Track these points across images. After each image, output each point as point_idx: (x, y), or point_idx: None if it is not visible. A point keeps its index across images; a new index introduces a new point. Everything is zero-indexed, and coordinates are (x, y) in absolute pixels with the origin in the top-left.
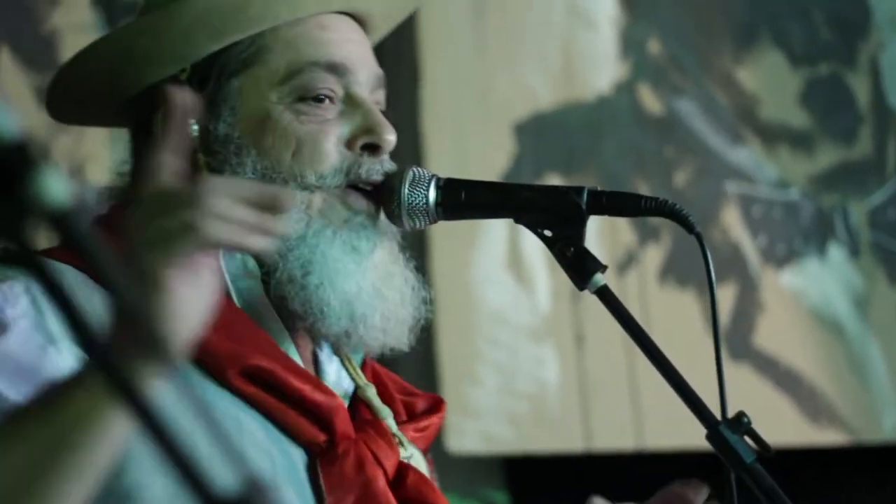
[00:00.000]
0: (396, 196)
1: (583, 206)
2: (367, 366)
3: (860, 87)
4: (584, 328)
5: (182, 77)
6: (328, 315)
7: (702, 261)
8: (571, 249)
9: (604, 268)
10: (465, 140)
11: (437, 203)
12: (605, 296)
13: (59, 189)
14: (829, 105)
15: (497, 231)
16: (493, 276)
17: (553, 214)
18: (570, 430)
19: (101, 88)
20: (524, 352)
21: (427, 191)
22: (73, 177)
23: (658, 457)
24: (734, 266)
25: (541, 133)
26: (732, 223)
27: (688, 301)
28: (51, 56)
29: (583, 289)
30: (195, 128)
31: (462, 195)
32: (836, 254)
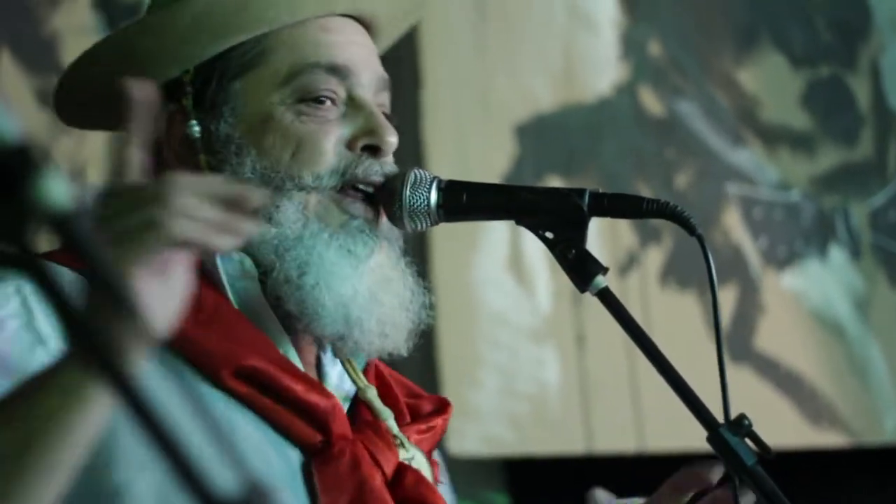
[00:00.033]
0: (398, 198)
1: (584, 209)
2: (371, 368)
3: (861, 89)
4: (585, 329)
5: (186, 79)
6: (323, 316)
7: (703, 262)
8: (573, 251)
9: (605, 270)
10: (466, 142)
11: (439, 205)
12: (607, 298)
13: (61, 192)
14: (830, 107)
15: (498, 233)
16: (494, 278)
17: (554, 216)
18: (571, 432)
19: (106, 91)
20: (525, 353)
21: (428, 193)
22: (75, 179)
23: (659, 459)
24: (735, 268)
25: (541, 134)
26: (733, 225)
27: (689, 303)
28: (51, 58)
29: (584, 291)
30: (196, 129)
31: (463, 197)
32: (837, 255)
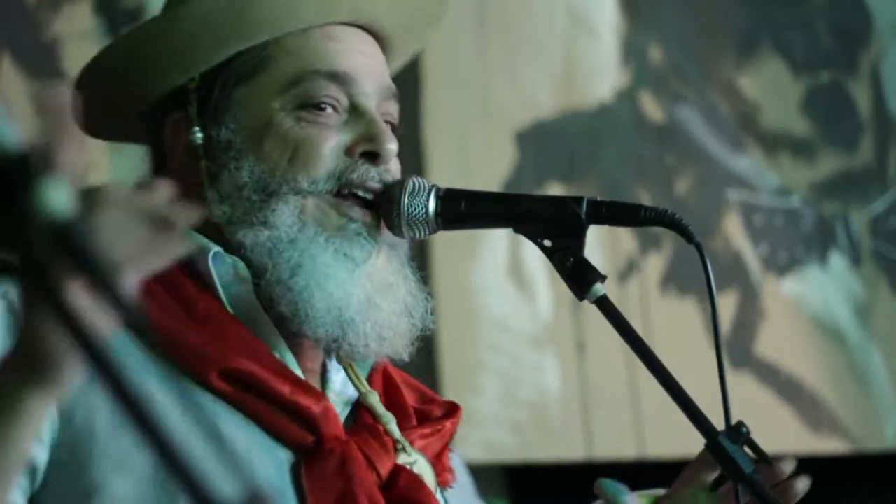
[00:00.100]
0: (396, 206)
1: (582, 216)
2: (378, 373)
3: (861, 95)
4: (585, 336)
5: (191, 87)
6: (313, 318)
7: (703, 269)
8: (571, 259)
9: (603, 278)
10: (467, 148)
11: (437, 213)
12: (605, 306)
13: (62, 200)
14: (831, 113)
15: (498, 239)
16: (494, 285)
17: (553, 224)
18: (572, 438)
19: (112, 97)
20: (525, 360)
21: (427, 201)
22: (74, 185)
23: (659, 465)
24: (735, 274)
25: (542, 141)
26: (734, 231)
27: (689, 309)
28: (52, 63)
29: (582, 299)
30: (199, 136)
31: (462, 205)
32: (838, 262)
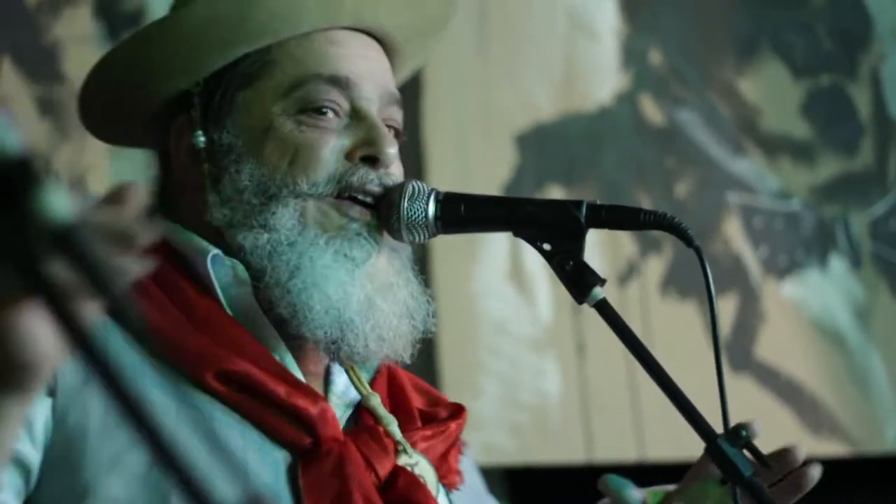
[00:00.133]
0: (396, 210)
1: (582, 220)
2: (382, 376)
3: (861, 98)
4: (586, 339)
5: (195, 91)
6: (311, 319)
7: (702, 272)
8: (570, 263)
9: (602, 281)
10: (467, 151)
11: (437, 217)
12: (604, 309)
13: (62, 205)
14: (831, 116)
15: (498, 243)
16: (495, 288)
17: (552, 228)
18: (572, 442)
19: (118, 100)
20: (525, 363)
21: (426, 205)
22: (74, 188)
23: (659, 468)
24: (735, 277)
25: (542, 144)
26: (734, 234)
27: (689, 312)
28: (52, 67)
29: (582, 302)
30: (202, 139)
31: (461, 209)
32: (838, 265)
